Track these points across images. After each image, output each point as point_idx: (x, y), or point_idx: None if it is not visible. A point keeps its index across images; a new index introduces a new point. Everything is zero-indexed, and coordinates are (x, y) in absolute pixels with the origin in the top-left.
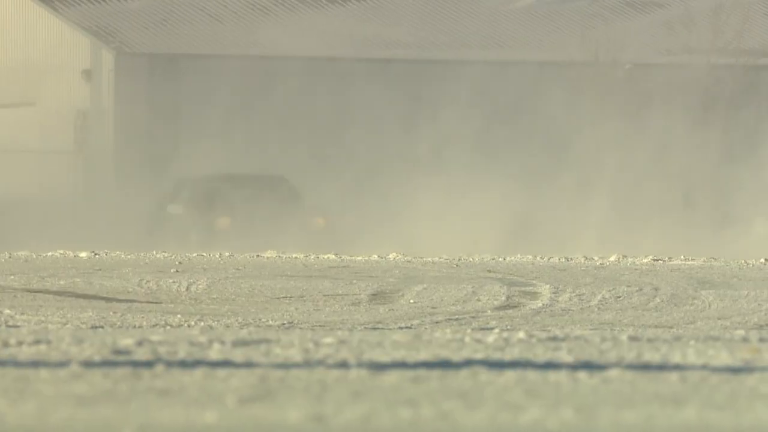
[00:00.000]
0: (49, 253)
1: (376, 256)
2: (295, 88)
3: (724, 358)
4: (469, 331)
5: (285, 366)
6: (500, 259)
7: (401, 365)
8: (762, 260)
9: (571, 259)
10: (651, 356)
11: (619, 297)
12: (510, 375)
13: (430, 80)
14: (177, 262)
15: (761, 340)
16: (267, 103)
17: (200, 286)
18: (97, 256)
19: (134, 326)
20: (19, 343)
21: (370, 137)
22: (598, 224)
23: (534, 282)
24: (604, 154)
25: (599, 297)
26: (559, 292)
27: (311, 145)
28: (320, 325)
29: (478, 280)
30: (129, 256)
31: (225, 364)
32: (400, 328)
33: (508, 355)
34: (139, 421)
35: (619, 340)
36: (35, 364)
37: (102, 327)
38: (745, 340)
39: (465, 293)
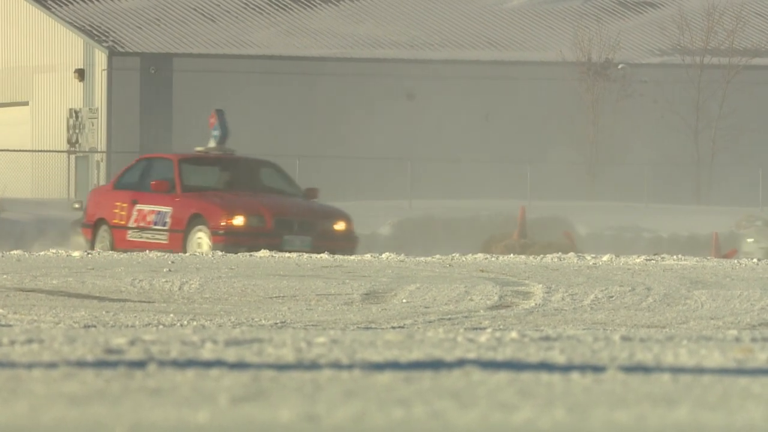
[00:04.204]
0: (42, 252)
1: (369, 255)
2: (288, 88)
3: (716, 357)
4: (461, 330)
5: (277, 365)
6: (493, 259)
7: (394, 365)
8: (755, 260)
9: (564, 258)
10: (643, 356)
11: (612, 297)
12: (502, 375)
13: (422, 79)
14: (170, 262)
15: (753, 339)
16: (261, 103)
17: (193, 286)
18: (89, 255)
19: (127, 326)
20: (12, 343)
21: (362, 135)
22: None
23: (526, 282)
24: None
25: (592, 297)
26: (551, 291)
27: (308, 144)
28: (313, 325)
29: (471, 280)
30: (122, 256)
31: (217, 363)
32: (393, 327)
33: (501, 354)
34: (132, 421)
35: (611, 340)
36: (28, 363)
37: (95, 326)
38: (737, 340)
39: (458, 293)
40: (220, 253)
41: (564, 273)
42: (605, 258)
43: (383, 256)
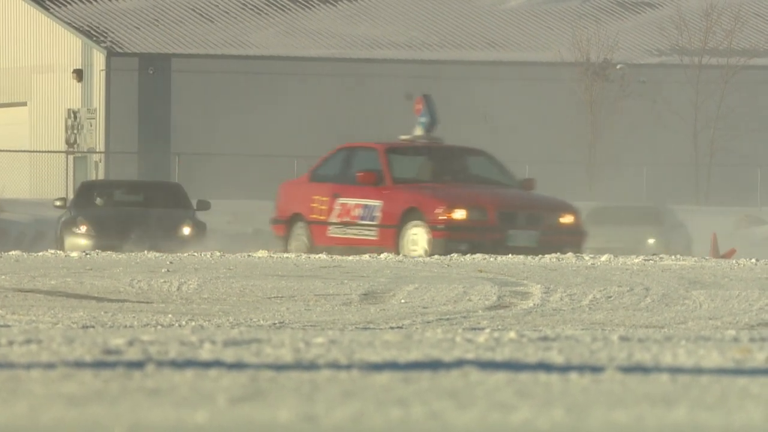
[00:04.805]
0: (40, 253)
1: (367, 255)
2: (286, 88)
3: (714, 358)
4: (460, 331)
5: (276, 366)
6: (491, 259)
7: (392, 365)
8: (753, 260)
9: (562, 258)
10: (642, 356)
11: (610, 297)
12: (501, 375)
13: (421, 80)
14: (168, 262)
15: (752, 340)
16: (260, 103)
17: (191, 286)
18: (88, 256)
19: (125, 326)
20: (10, 343)
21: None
22: None
23: (525, 282)
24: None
25: (590, 297)
26: (550, 292)
27: (307, 145)
28: (311, 325)
29: (470, 280)
30: (120, 256)
31: (216, 363)
32: (391, 328)
33: (499, 355)
34: (130, 421)
35: (610, 340)
36: (26, 363)
37: (93, 327)
38: (735, 340)
39: (456, 293)
40: (218, 253)
41: (562, 273)
42: (604, 258)
43: (381, 256)
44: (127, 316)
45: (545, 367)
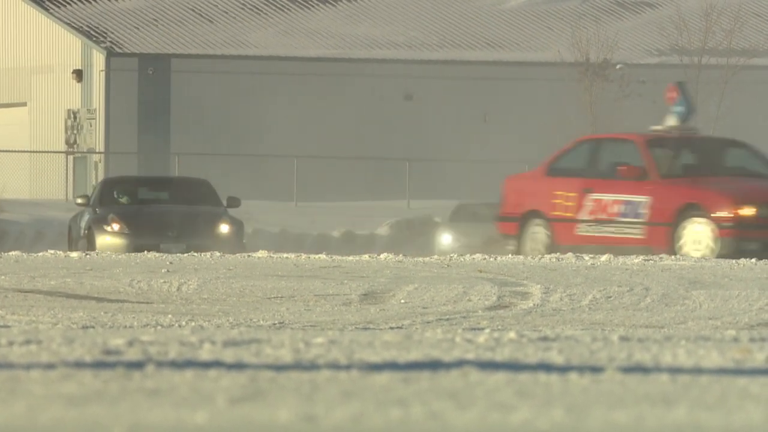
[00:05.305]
0: (40, 253)
1: (366, 255)
2: (286, 88)
3: (714, 358)
4: (459, 331)
5: (275, 366)
6: (491, 259)
7: (392, 365)
8: (753, 260)
9: (562, 258)
10: (641, 356)
11: (610, 297)
12: (501, 375)
13: (420, 80)
14: (168, 263)
15: (752, 340)
16: (260, 103)
17: (191, 287)
18: (88, 256)
19: (125, 326)
20: (10, 344)
21: (360, 137)
22: None
23: (525, 282)
24: None
25: (590, 297)
26: (549, 292)
27: (306, 144)
28: (311, 326)
29: (469, 280)
30: (120, 257)
31: (215, 364)
32: (391, 328)
33: (499, 355)
34: (130, 421)
35: (609, 340)
36: (26, 364)
37: (93, 327)
38: (735, 340)
39: (456, 293)
40: (218, 253)
41: (562, 273)
42: (603, 258)
43: (381, 256)
44: (127, 317)
45: (545, 367)
